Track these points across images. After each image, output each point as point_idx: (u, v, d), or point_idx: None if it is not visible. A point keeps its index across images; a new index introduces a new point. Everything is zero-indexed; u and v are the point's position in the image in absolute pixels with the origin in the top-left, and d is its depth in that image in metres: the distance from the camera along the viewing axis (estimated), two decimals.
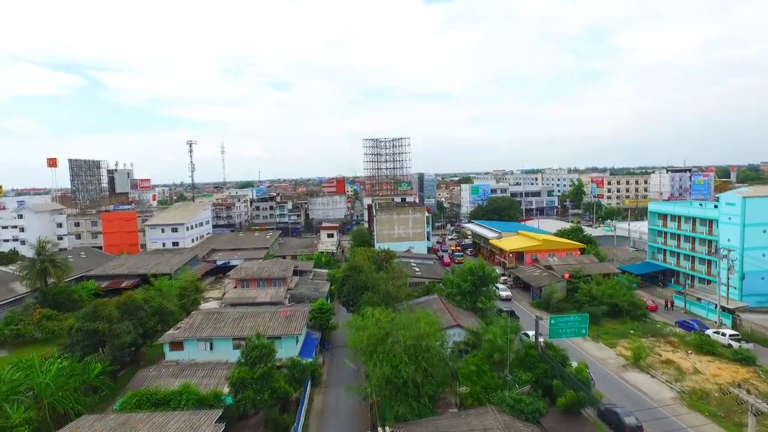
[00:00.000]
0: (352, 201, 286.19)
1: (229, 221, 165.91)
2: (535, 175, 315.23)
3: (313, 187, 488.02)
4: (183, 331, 48.23)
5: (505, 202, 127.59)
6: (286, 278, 74.43)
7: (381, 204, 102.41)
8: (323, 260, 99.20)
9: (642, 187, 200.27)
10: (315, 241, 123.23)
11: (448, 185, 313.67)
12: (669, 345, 55.76)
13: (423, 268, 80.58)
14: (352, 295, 57.44)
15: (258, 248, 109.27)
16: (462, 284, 57.91)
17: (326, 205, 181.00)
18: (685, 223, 78.40)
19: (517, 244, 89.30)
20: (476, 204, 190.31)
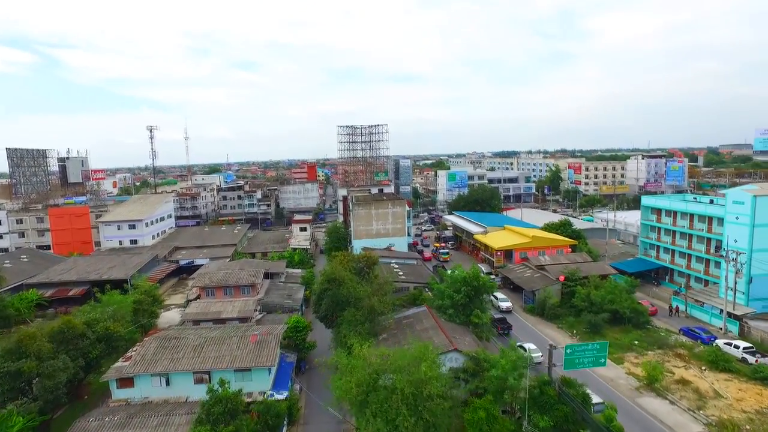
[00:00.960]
0: (324, 186, 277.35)
1: (194, 212, 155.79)
2: (509, 159, 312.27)
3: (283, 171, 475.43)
4: (133, 364, 40.58)
5: (486, 192, 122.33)
6: (256, 285, 67.04)
7: (358, 197, 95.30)
8: (296, 258, 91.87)
9: (619, 173, 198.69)
10: (287, 235, 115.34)
11: (422, 170, 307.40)
12: (679, 359, 51.29)
13: (406, 270, 74.24)
14: (332, 310, 50.68)
15: (225, 245, 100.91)
16: (455, 296, 51.78)
17: (297, 193, 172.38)
18: (682, 219, 74.27)
19: (504, 241, 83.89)
20: (453, 191, 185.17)
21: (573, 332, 59.05)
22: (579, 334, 58.54)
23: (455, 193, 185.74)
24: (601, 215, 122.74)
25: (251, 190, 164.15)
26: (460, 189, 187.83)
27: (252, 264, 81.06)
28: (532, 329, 61.97)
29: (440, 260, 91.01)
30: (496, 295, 66.17)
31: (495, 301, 66.13)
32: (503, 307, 66.76)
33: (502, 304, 67.14)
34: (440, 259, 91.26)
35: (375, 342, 47.73)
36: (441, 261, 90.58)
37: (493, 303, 65.20)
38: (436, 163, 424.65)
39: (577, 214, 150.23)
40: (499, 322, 60.04)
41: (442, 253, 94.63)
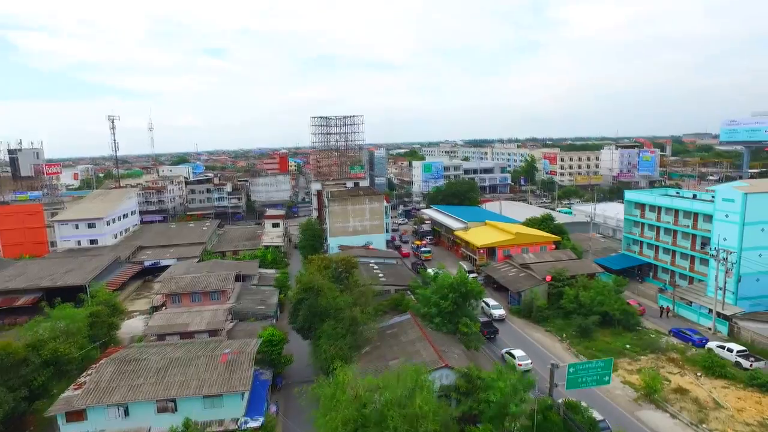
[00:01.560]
0: (296, 177, 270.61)
1: (160, 207, 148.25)
2: (484, 149, 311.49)
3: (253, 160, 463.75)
4: (85, 393, 35.86)
5: (464, 185, 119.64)
6: (226, 290, 62.51)
7: (333, 193, 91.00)
8: (269, 257, 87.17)
9: (593, 163, 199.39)
10: (258, 231, 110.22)
11: (395, 160, 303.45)
12: (672, 364, 49.45)
13: (386, 271, 70.67)
14: (309, 322, 46.75)
15: (193, 244, 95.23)
16: (441, 303, 48.51)
17: (269, 186, 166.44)
18: (666, 214, 72.85)
19: (487, 237, 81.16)
20: (429, 182, 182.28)
21: (562, 336, 56.74)
22: (568, 337, 56.26)
23: (431, 184, 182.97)
24: (581, 208, 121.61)
25: (221, 183, 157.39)
26: (436, 180, 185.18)
27: (222, 265, 76.26)
28: (519, 333, 59.42)
29: (421, 259, 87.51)
30: (487, 302, 63.46)
31: (486, 308, 63.25)
32: (496, 315, 62.23)
33: (495, 312, 62.71)
34: (421, 258, 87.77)
35: (357, 355, 44.26)
36: (422, 260, 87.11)
37: (483, 310, 62.24)
38: (409, 152, 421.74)
39: (554, 206, 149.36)
40: (485, 327, 57.03)
41: (423, 251, 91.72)
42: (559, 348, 54.30)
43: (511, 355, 51.95)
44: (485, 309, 63.06)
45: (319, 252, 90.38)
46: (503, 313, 62.71)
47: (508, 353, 52.65)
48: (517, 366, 50.49)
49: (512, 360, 51.23)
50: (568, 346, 54.46)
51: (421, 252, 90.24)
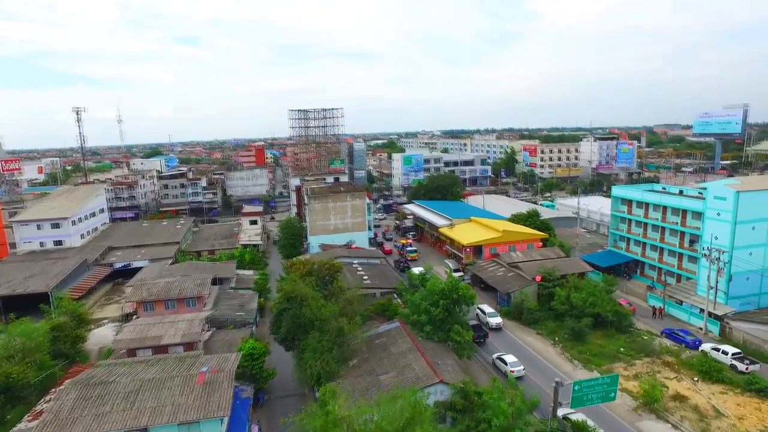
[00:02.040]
0: (273, 169, 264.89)
1: (132, 203, 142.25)
2: (463, 140, 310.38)
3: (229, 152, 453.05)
4: (42, 425, 32.25)
5: (447, 179, 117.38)
6: (203, 296, 58.91)
7: (313, 189, 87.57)
8: (247, 257, 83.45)
9: (573, 155, 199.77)
10: (235, 229, 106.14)
11: (374, 151, 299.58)
12: (668, 368, 48.23)
13: (370, 272, 68.03)
14: (292, 333, 43.85)
15: (167, 243, 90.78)
16: (431, 310, 46.15)
17: (245, 180, 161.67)
18: (654, 211, 71.85)
19: (473, 235, 79.08)
20: (409, 175, 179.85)
21: (554, 339, 55.07)
22: (561, 341, 54.64)
23: (411, 177, 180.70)
24: (564, 202, 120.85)
25: (195, 177, 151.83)
26: (417, 173, 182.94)
27: (197, 268, 72.45)
28: (509, 336, 57.58)
29: (407, 259, 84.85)
30: (482, 309, 61.02)
31: (481, 315, 60.60)
32: (492, 323, 58.46)
33: (491, 320, 59.01)
34: (407, 258, 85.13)
35: (345, 369, 41.63)
36: (407, 259, 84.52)
37: (478, 317, 59.99)
38: (387, 143, 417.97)
39: (535, 199, 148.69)
40: (474, 330, 55.02)
41: (409, 251, 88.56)
42: (552, 353, 52.61)
43: (502, 360, 50.02)
44: (480, 316, 60.57)
45: (299, 250, 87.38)
46: (500, 322, 59.07)
47: (499, 359, 50.71)
48: (510, 372, 48.73)
49: (504, 366, 49.39)
50: (561, 350, 52.81)
51: (407, 252, 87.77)
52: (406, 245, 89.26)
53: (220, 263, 77.32)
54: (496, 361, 50.89)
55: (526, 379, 48.41)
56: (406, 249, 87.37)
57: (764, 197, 56.13)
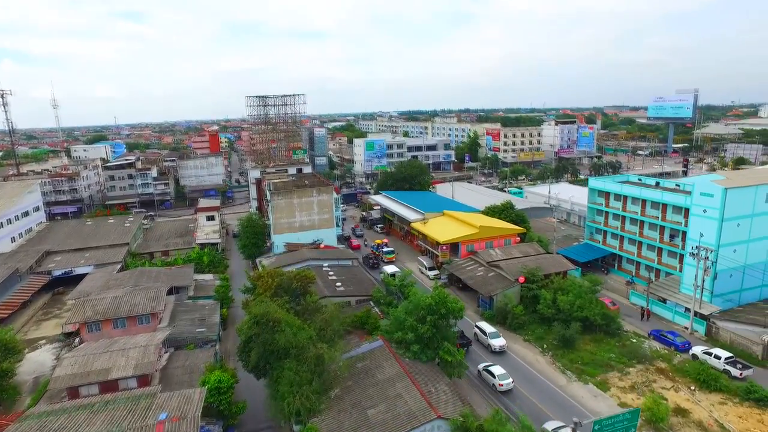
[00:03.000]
0: (228, 155, 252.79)
1: (73, 196, 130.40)
2: (423, 123, 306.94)
3: (180, 135, 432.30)
4: None
5: (415, 168, 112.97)
6: (157, 313, 52.48)
7: (277, 185, 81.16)
8: (205, 260, 76.68)
9: (536, 139, 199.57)
10: (191, 225, 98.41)
11: (333, 135, 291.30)
12: (663, 376, 46.22)
13: (344, 277, 63.13)
14: (264, 361, 38.64)
15: (114, 245, 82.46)
16: (419, 327, 41.89)
17: (200, 169, 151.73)
18: (633, 204, 70.14)
19: (449, 232, 75.26)
20: (372, 161, 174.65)
21: (543, 347, 52.23)
22: (550, 348, 51.86)
23: (374, 163, 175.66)
24: (534, 190, 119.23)
25: (145, 167, 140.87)
26: (380, 159, 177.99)
27: (151, 275, 65.36)
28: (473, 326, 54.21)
29: (384, 261, 79.70)
30: (482, 328, 54.18)
31: (481, 335, 53.75)
32: (496, 346, 51.39)
33: (494, 342, 51.64)
34: (384, 260, 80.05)
35: (326, 401, 36.90)
36: (384, 262, 79.33)
37: (478, 337, 54.32)
38: (346, 126, 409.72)
39: (502, 185, 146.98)
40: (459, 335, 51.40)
41: (386, 252, 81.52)
42: (542, 362, 49.71)
43: (489, 373, 46.69)
44: (480, 336, 53.93)
45: (262, 250, 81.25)
46: (504, 344, 51.94)
47: (486, 370, 47.36)
48: (498, 386, 45.51)
49: (492, 379, 46.08)
50: (551, 359, 50.01)
51: (383, 252, 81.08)
52: (381, 245, 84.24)
53: (176, 268, 70.25)
54: (483, 373, 47.55)
55: (516, 392, 45.40)
56: (382, 250, 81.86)
57: (750, 193, 54.74)
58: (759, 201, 55.55)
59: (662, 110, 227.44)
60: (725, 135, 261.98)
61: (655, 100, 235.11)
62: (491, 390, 45.78)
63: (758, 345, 49.27)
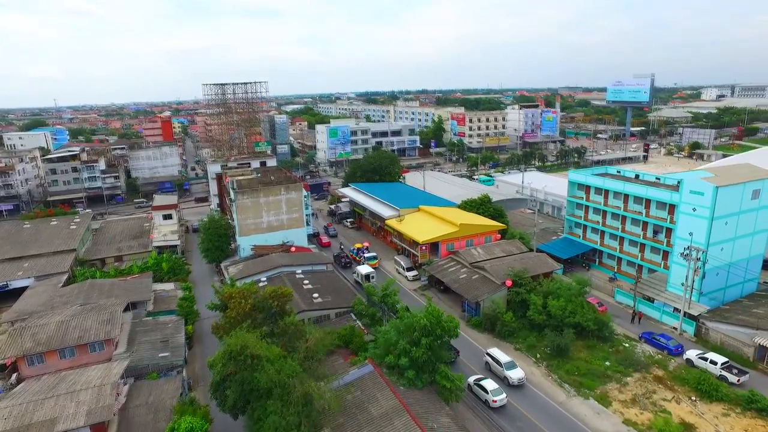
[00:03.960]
0: (182, 142, 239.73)
1: (8, 192, 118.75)
2: (385, 107, 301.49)
3: (129, 119, 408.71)
4: None
5: (385, 159, 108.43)
6: (112, 339, 46.52)
7: (241, 183, 74.98)
8: (165, 266, 70.03)
9: (501, 123, 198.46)
10: (146, 224, 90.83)
11: (293, 120, 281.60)
12: (662, 386, 44.58)
13: (320, 285, 58.55)
14: (243, 401, 33.99)
15: (58, 252, 74.25)
16: (413, 351, 38.18)
17: (153, 159, 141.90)
18: (615, 198, 68.53)
19: (427, 230, 71.66)
20: (336, 148, 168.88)
21: (536, 357, 49.74)
22: (543, 357, 49.45)
23: (338, 150, 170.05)
24: (505, 179, 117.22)
25: (91, 159, 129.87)
26: (344, 146, 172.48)
27: (102, 289, 58.71)
28: (482, 352, 51.28)
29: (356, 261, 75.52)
30: (494, 356, 46.87)
31: (495, 366, 46.55)
32: (513, 379, 44.76)
33: (511, 374, 44.95)
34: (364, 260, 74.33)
35: None
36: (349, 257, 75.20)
37: (490, 367, 47.37)
38: (305, 109, 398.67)
39: (470, 174, 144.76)
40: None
41: (368, 257, 74.69)
42: (538, 375, 47.19)
43: (482, 388, 43.71)
44: (493, 366, 46.63)
45: (227, 253, 75.37)
46: (523, 376, 45.14)
47: (477, 385, 44.39)
48: (491, 402, 42.65)
49: (484, 394, 43.13)
50: (547, 370, 47.59)
51: (364, 258, 74.54)
52: (362, 249, 77.87)
53: (132, 279, 63.62)
54: (474, 388, 44.53)
55: (513, 410, 42.72)
56: (363, 255, 75.64)
57: (738, 191, 53.59)
58: (746, 198, 54.61)
59: (620, 94, 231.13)
60: (676, 118, 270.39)
61: (614, 84, 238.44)
62: (484, 406, 42.91)
63: (750, 347, 48.46)
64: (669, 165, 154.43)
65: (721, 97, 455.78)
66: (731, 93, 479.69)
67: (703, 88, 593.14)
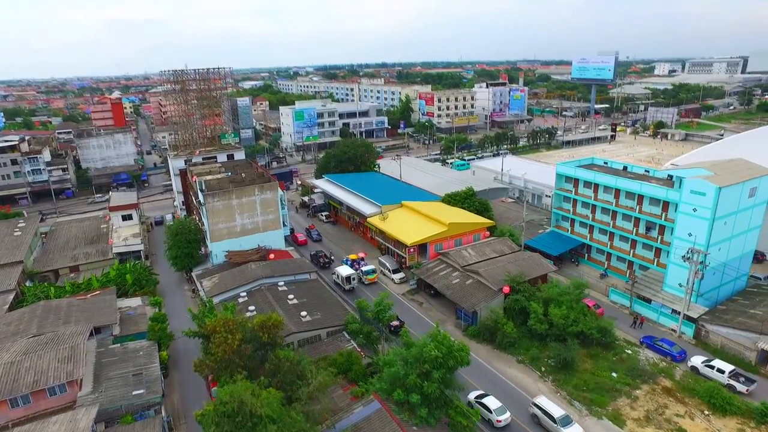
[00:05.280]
0: (135, 124, 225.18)
1: None
2: (349, 84, 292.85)
3: (74, 99, 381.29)
4: None
5: (360, 148, 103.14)
6: (74, 381, 40.94)
7: (210, 183, 68.51)
8: (129, 278, 63.59)
9: (469, 103, 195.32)
10: (103, 226, 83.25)
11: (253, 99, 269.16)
12: (671, 398, 43.22)
13: (305, 298, 54.14)
14: None
15: (1, 265, 66.16)
16: (424, 386, 34.82)
17: (106, 148, 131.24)
18: (605, 192, 66.67)
19: (414, 230, 67.90)
20: (302, 132, 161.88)
21: (542, 370, 47.50)
22: (549, 371, 47.28)
23: (305, 134, 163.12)
24: (482, 165, 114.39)
25: (34, 150, 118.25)
26: (311, 129, 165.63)
27: (59, 312, 52.32)
28: (484, 367, 48.72)
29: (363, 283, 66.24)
30: (548, 410, 39.71)
31: (548, 421, 39.35)
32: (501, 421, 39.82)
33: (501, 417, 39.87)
34: (365, 282, 65.98)
35: None
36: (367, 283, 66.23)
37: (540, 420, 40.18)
38: (264, 86, 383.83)
39: (444, 157, 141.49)
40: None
41: (366, 272, 66.90)
42: (545, 390, 44.87)
43: (484, 406, 41.07)
44: (543, 421, 40.04)
45: (197, 260, 69.54)
46: (509, 417, 40.59)
47: (478, 402, 41.75)
48: (495, 423, 40.15)
49: (487, 414, 40.52)
50: (554, 386, 45.42)
51: (362, 273, 66.87)
52: (358, 261, 70.06)
53: (92, 297, 57.01)
54: (475, 404, 41.72)
55: (514, 427, 40.48)
56: (362, 270, 67.28)
57: (738, 190, 52.28)
58: (743, 197, 53.49)
59: (585, 71, 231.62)
60: (636, 95, 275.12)
61: (579, 62, 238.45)
62: (485, 424, 40.36)
63: (752, 351, 47.78)
64: (636, 145, 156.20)
65: (673, 72, 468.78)
66: (682, 68, 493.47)
67: (654, 62, 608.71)
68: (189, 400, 45.69)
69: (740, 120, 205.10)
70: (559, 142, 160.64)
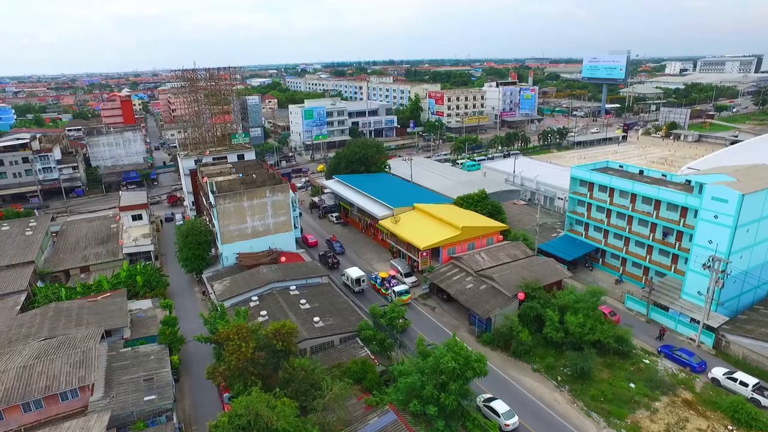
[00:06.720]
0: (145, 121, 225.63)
1: None
2: (357, 83, 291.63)
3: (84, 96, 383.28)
4: None
5: (371, 148, 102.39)
6: (86, 386, 40.62)
7: (221, 185, 68.05)
8: (140, 280, 63.32)
9: (479, 102, 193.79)
10: (112, 225, 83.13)
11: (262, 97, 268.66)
12: (692, 411, 42.18)
13: (318, 304, 53.51)
14: None
15: (12, 265, 66.00)
16: (442, 398, 34.10)
17: (116, 147, 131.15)
18: (621, 197, 65.48)
19: (427, 233, 67.00)
20: (312, 130, 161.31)
21: (558, 380, 46.59)
22: (565, 380, 46.37)
23: (314, 132, 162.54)
24: (493, 166, 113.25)
25: (45, 149, 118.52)
26: (320, 127, 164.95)
27: (71, 315, 52.06)
28: (498, 374, 47.82)
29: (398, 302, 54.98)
30: (493, 407, 40.65)
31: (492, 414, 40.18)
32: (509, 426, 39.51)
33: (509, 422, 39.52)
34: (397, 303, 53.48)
35: None
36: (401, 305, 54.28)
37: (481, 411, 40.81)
38: (272, 84, 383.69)
39: (454, 157, 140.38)
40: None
41: (398, 292, 60.76)
42: (562, 401, 44.04)
43: (492, 410, 40.34)
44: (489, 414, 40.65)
45: (207, 261, 69.20)
46: (516, 421, 40.24)
47: (486, 406, 41.02)
48: (504, 427, 39.38)
49: (495, 417, 39.75)
50: (571, 396, 44.51)
51: (394, 293, 60.86)
52: (389, 280, 64.39)
53: (103, 299, 56.82)
54: (483, 408, 41.04)
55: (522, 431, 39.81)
56: (393, 289, 61.49)
57: (763, 197, 51.01)
58: (767, 203, 52.14)
59: (596, 71, 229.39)
60: (648, 95, 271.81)
61: (590, 61, 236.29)
62: None
63: None
64: (649, 146, 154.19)
65: (684, 71, 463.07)
66: (693, 67, 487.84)
67: (665, 60, 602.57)
68: (200, 406, 45.24)
69: (755, 121, 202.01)
70: (570, 142, 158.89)
